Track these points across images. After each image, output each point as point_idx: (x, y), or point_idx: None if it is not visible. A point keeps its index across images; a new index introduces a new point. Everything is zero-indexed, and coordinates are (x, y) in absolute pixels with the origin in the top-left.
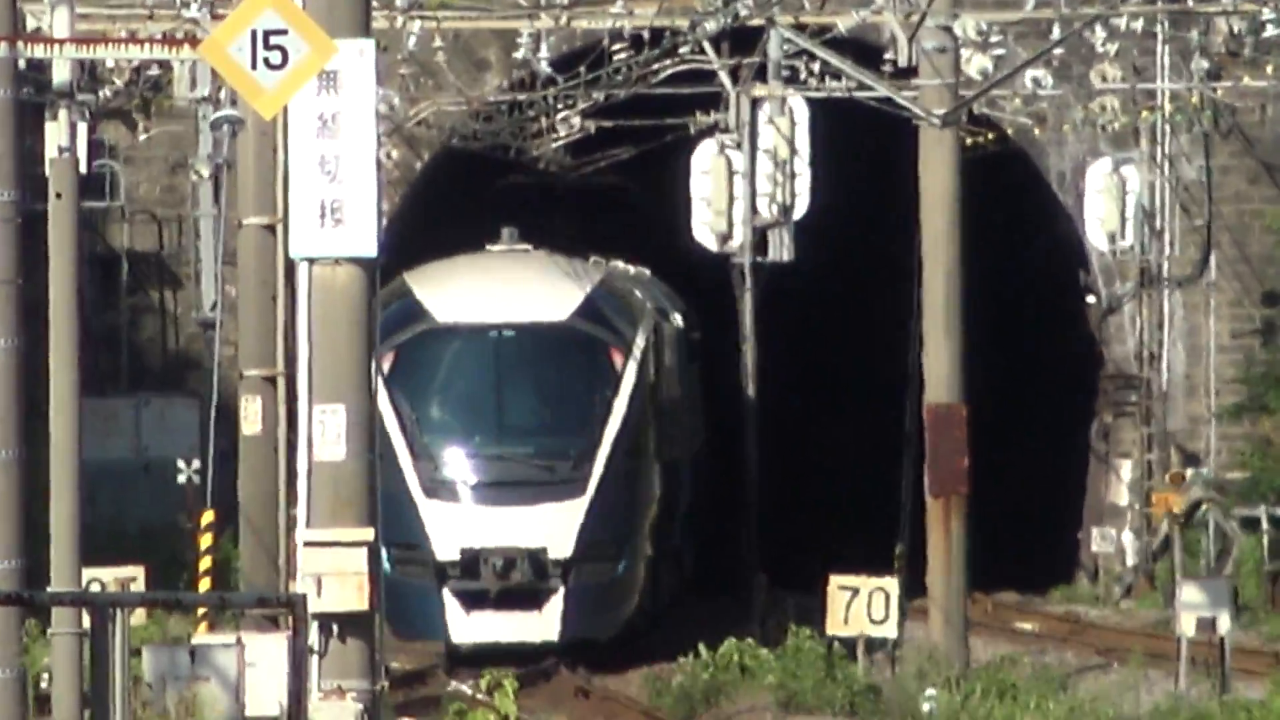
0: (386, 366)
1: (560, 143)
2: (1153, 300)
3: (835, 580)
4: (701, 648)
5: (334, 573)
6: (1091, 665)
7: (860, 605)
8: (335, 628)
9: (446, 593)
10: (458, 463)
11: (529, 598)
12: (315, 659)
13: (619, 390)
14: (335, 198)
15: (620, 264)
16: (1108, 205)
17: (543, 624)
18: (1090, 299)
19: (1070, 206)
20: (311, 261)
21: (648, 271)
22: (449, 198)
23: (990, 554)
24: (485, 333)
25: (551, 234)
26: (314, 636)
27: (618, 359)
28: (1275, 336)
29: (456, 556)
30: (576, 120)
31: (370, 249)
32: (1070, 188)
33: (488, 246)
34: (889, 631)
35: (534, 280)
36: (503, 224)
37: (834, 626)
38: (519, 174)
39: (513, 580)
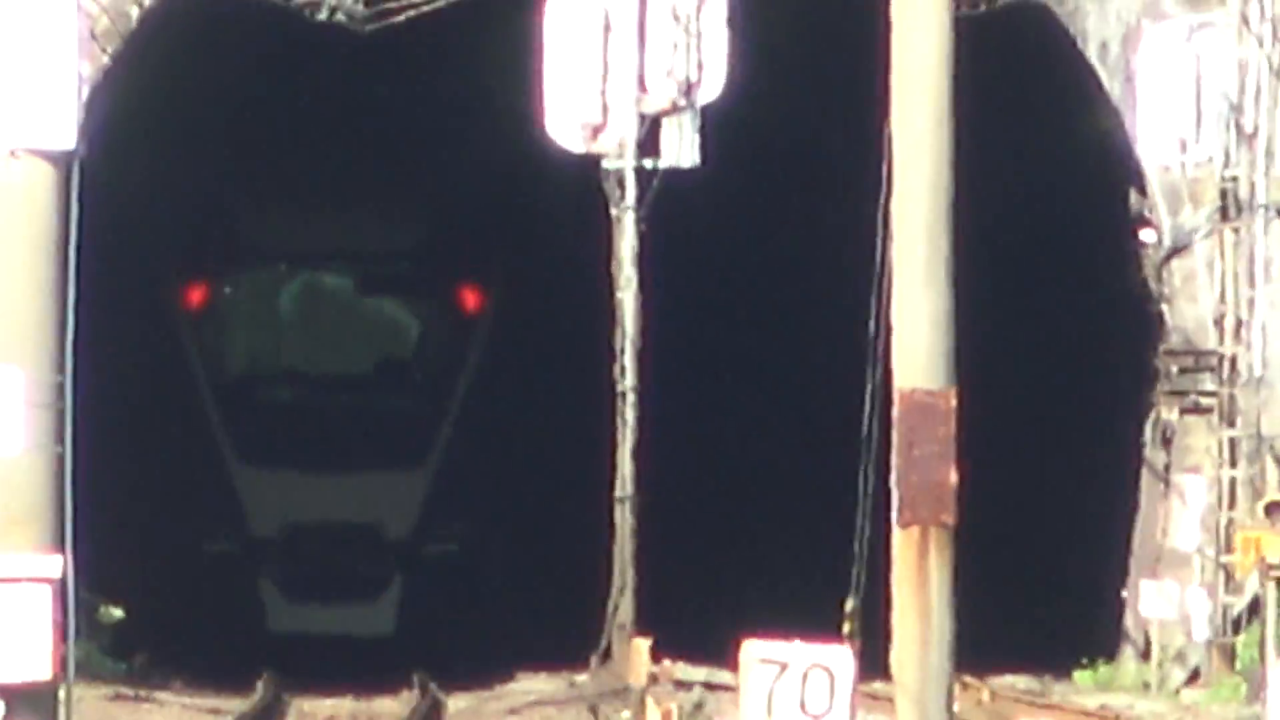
0: (196, 302)
1: None
2: (1240, 239)
3: (752, 649)
4: None
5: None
6: None
7: (791, 688)
8: (2, 704)
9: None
10: (281, 421)
11: (361, 584)
12: None
13: (474, 337)
14: (13, 63)
15: None
16: (1175, 94)
17: (376, 615)
18: (1146, 235)
19: (1118, 95)
20: None
21: None
22: (181, 61)
23: (989, 616)
24: (319, 266)
25: (306, 120)
26: None
27: (471, 299)
28: None
29: (276, 533)
30: None
31: (66, 137)
32: (1118, 66)
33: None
34: None
35: (372, 203)
36: (261, 100)
37: (752, 717)
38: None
39: (342, 562)
